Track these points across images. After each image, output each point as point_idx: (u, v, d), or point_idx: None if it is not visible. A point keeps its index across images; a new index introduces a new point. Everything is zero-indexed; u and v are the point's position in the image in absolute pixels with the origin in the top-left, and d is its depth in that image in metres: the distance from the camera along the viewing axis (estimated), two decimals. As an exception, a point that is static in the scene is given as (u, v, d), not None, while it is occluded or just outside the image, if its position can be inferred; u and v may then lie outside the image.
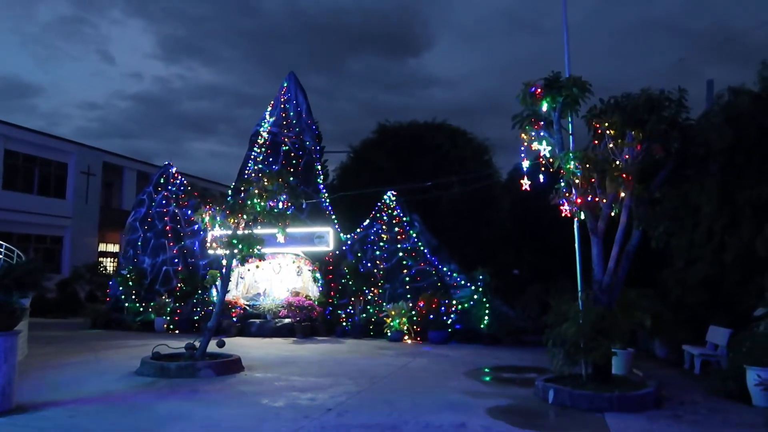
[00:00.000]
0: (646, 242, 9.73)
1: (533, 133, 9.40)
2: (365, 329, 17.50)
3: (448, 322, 16.51)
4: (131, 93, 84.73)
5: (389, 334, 16.65)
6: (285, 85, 21.50)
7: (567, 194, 9.32)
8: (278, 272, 19.42)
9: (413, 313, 16.70)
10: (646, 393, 8.40)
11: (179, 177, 21.30)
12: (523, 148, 9.48)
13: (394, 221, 18.57)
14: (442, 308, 16.50)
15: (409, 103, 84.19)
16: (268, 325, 17.79)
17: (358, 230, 18.98)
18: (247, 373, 10.82)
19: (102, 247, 32.47)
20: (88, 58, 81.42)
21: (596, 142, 9.46)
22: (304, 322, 17.61)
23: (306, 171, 20.10)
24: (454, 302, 16.81)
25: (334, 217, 19.60)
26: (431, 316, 16.41)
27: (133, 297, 19.77)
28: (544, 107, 9.18)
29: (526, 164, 9.38)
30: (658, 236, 11.91)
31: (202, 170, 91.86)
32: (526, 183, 9.37)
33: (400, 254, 18.18)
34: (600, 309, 8.79)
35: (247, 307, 18.62)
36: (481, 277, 17.04)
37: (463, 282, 17.34)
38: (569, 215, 9.55)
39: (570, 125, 9.63)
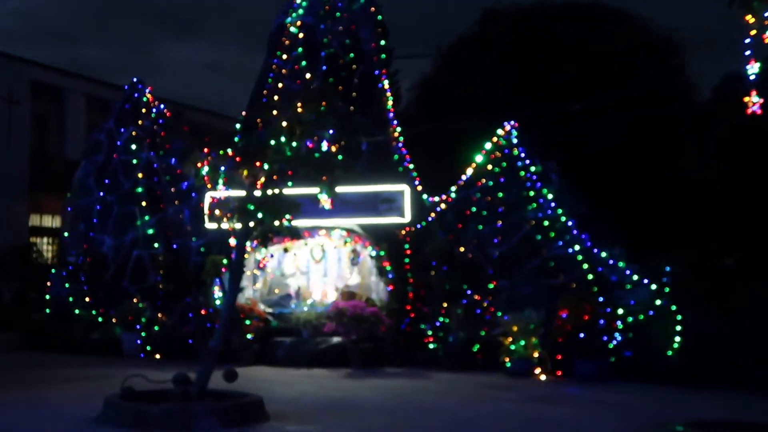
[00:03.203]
0: None
1: (767, 14, 9.10)
2: (466, 355, 17.59)
3: (610, 345, 16.34)
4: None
5: (508, 364, 16.71)
6: (326, -55, 21.52)
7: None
8: (320, 260, 19.73)
9: (549, 329, 16.64)
10: None
11: (156, 104, 21.73)
12: (748, 41, 9.27)
13: (513, 173, 18.44)
14: (600, 322, 16.33)
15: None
16: (306, 348, 18.15)
17: (453, 189, 18.94)
18: (274, 423, 11.02)
19: (35, 219, 33.58)
20: None
21: None
22: (363, 343, 17.84)
23: (364, 89, 20.17)
24: (620, 312, 16.62)
25: (411, 166, 19.64)
26: (580, 335, 16.27)
27: (88, 299, 20.53)
28: (790, -35, 8.88)
29: (753, 69, 9.10)
30: None
31: (190, 94, 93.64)
32: (753, 101, 9.09)
33: (526, 230, 18.09)
34: None
35: (271, 318, 19.02)
36: (666, 270, 16.75)
37: (635, 278, 17.09)
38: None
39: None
